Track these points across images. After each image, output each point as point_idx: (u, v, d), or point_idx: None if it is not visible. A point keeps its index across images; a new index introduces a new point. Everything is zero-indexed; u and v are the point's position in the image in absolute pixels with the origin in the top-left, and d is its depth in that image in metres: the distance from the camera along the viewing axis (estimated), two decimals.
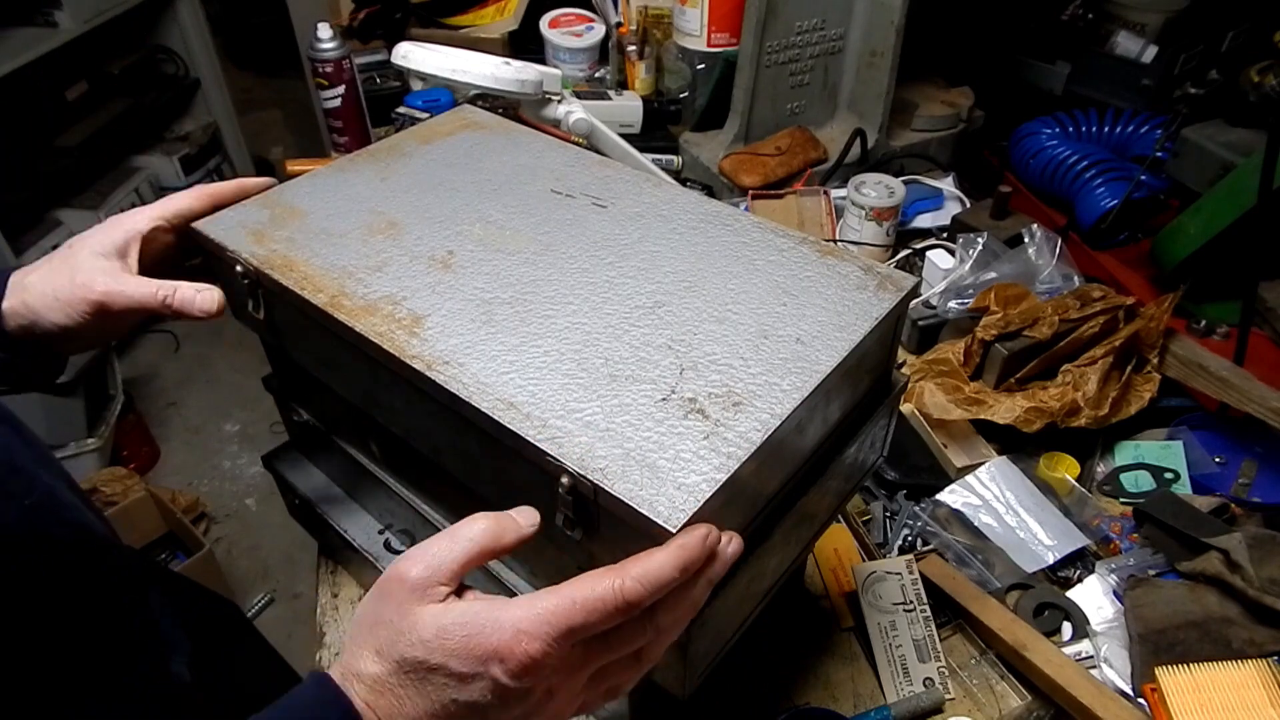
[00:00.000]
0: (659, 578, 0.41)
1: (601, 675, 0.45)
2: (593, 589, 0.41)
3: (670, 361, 0.54)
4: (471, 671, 0.40)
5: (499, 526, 0.44)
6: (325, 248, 0.64)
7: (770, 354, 0.55)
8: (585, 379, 0.53)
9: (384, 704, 0.41)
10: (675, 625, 0.45)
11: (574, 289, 0.60)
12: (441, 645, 0.40)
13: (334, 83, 1.45)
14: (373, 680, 0.41)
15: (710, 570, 0.44)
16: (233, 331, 2.78)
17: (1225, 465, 1.01)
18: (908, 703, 0.78)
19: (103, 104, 2.72)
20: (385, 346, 0.55)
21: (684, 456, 0.48)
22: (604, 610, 0.40)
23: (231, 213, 0.68)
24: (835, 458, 0.64)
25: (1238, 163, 1.10)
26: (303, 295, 0.59)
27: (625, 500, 0.45)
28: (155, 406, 2.62)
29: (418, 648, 0.40)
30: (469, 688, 0.40)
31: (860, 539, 0.92)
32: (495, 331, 0.56)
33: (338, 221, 0.67)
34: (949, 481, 0.97)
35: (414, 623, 0.41)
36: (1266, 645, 0.77)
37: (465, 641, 0.40)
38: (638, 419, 0.50)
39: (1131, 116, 1.39)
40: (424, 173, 0.74)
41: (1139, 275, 1.23)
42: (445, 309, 0.58)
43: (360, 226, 0.66)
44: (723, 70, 1.45)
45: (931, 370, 1.03)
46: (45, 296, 0.59)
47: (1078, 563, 0.90)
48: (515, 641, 0.39)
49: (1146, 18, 1.44)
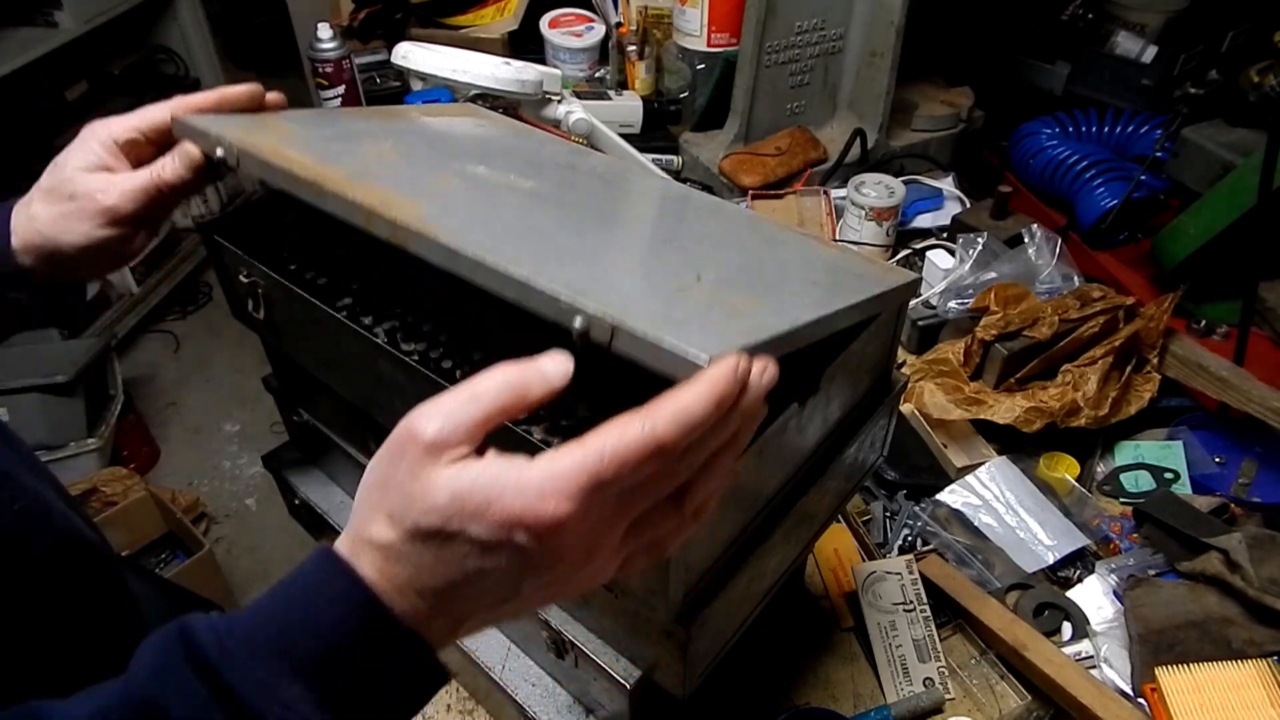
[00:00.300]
0: (691, 414, 0.36)
1: (640, 527, 0.40)
2: (621, 437, 0.36)
3: (687, 269, 0.50)
4: (494, 539, 0.36)
5: (523, 379, 0.39)
6: (316, 148, 0.58)
7: (785, 287, 0.53)
8: (597, 269, 0.48)
9: (400, 573, 0.37)
10: (718, 470, 0.40)
11: (582, 220, 0.57)
12: (459, 511, 0.36)
13: (334, 83, 1.45)
14: (385, 547, 0.37)
15: (745, 401, 0.39)
16: (233, 331, 2.78)
17: (1225, 465, 1.01)
18: (908, 703, 0.78)
19: (103, 104, 2.72)
20: (380, 211, 0.48)
21: (710, 320, 0.44)
22: (636, 459, 0.36)
23: (216, 116, 0.62)
24: (835, 458, 0.64)
25: (1238, 163, 1.10)
26: (288, 169, 0.52)
27: (647, 338, 0.38)
28: (155, 406, 2.62)
29: (433, 515, 0.36)
30: (493, 556, 0.37)
31: (860, 539, 0.92)
32: (503, 231, 0.51)
33: (332, 142, 0.62)
34: (949, 481, 0.97)
35: (427, 487, 0.37)
36: (1266, 645, 0.77)
37: (485, 507, 0.36)
38: (656, 298, 0.46)
39: (1131, 116, 1.39)
40: (427, 129, 0.71)
41: (1139, 275, 1.23)
42: (444, 200, 0.53)
43: (355, 145, 0.62)
44: (723, 70, 1.45)
45: (931, 370, 1.03)
46: (56, 222, 0.58)
47: (1078, 563, 0.90)
48: (540, 504, 0.35)
49: (1146, 18, 1.44)
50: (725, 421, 0.38)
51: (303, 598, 0.38)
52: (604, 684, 0.64)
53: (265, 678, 0.35)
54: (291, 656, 0.36)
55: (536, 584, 0.38)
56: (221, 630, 0.36)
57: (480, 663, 0.74)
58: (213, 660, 0.35)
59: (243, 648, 0.36)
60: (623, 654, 0.62)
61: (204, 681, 0.35)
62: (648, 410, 0.36)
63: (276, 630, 0.37)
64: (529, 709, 0.71)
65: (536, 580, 0.38)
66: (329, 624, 0.37)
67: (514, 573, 0.37)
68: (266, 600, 0.38)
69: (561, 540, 0.36)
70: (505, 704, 0.74)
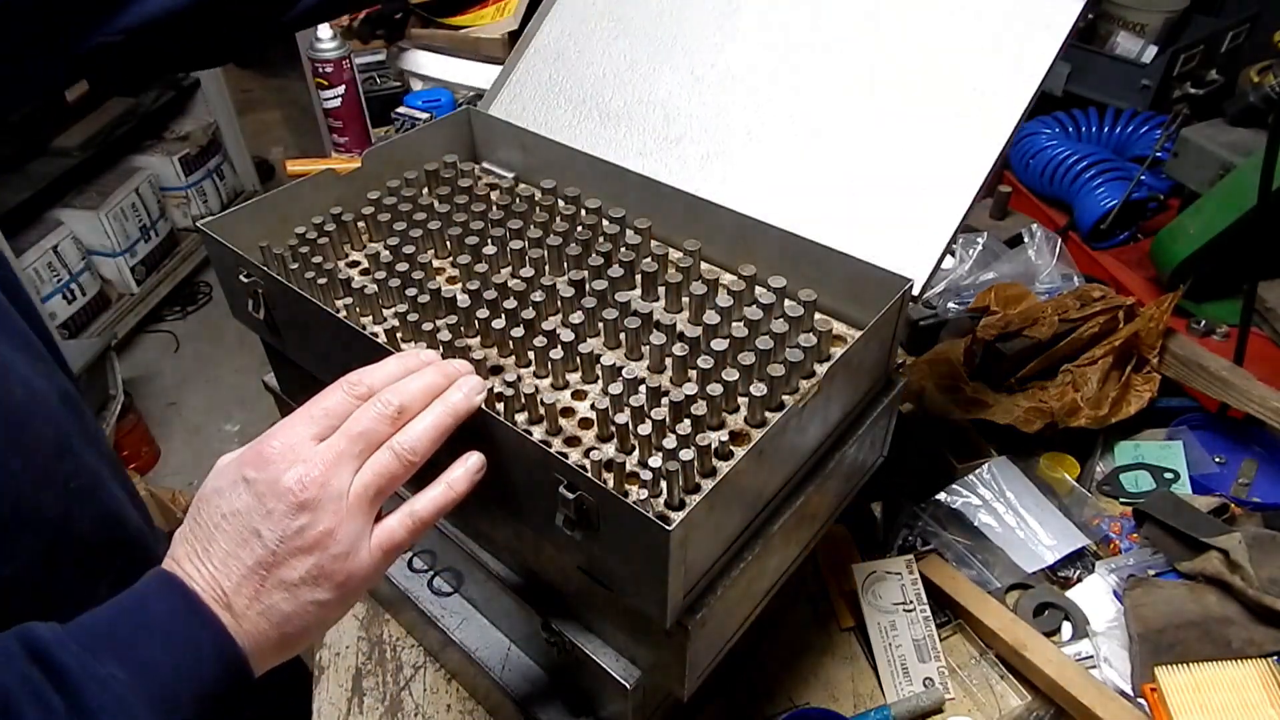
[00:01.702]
0: (379, 371, 0.51)
1: (365, 474, 0.48)
2: (322, 392, 0.50)
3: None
4: (231, 483, 0.46)
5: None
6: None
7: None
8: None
9: (182, 551, 0.46)
10: (426, 421, 0.50)
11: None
12: (214, 475, 0.48)
13: (334, 83, 1.45)
14: (180, 539, 0.47)
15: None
16: (233, 331, 2.78)
17: (1225, 465, 1.01)
18: (908, 703, 0.78)
19: (103, 104, 2.72)
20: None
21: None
22: (330, 394, 0.49)
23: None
24: (835, 457, 0.64)
25: (1238, 163, 1.10)
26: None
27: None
28: (155, 406, 2.62)
29: (204, 488, 0.48)
30: (232, 498, 0.46)
31: (860, 539, 0.92)
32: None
33: None
34: (949, 481, 0.97)
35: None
36: (1266, 645, 0.77)
37: (223, 467, 0.48)
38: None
39: (1131, 117, 1.39)
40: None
41: (1139, 275, 1.24)
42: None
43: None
44: None
45: (931, 370, 1.03)
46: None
47: (1078, 563, 0.90)
48: (257, 444, 0.47)
49: (1146, 18, 1.44)
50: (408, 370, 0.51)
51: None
52: (604, 684, 0.64)
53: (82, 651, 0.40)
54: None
55: (281, 533, 0.45)
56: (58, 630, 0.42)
57: (480, 662, 0.74)
58: (44, 636, 0.40)
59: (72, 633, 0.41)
60: (623, 654, 0.62)
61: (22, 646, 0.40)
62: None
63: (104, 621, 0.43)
64: (529, 709, 0.71)
65: (275, 527, 0.45)
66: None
67: (251, 513, 0.45)
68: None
69: (275, 467, 0.46)
70: (505, 704, 0.74)
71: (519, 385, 0.59)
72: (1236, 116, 1.17)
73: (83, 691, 0.39)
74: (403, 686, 0.82)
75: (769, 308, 0.64)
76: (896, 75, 0.71)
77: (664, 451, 0.53)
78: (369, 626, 0.87)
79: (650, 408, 0.57)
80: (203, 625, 0.43)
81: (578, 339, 0.63)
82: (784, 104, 0.75)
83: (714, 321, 0.63)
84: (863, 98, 0.72)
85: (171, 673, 0.42)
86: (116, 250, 2.69)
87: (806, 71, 0.75)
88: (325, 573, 0.46)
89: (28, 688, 0.38)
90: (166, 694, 0.41)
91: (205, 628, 0.43)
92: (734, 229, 0.71)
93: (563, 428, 0.60)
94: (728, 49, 0.79)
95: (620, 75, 0.84)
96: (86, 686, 0.39)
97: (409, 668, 0.83)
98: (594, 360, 0.62)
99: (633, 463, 0.56)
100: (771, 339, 0.59)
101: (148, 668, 0.41)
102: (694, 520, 0.48)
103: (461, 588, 0.78)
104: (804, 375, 0.62)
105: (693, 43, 0.81)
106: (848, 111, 0.72)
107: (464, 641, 0.76)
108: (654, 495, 0.54)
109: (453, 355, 0.62)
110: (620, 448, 0.58)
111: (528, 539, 0.64)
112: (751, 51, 0.77)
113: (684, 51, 0.81)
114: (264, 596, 0.45)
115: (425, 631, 0.81)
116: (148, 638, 0.42)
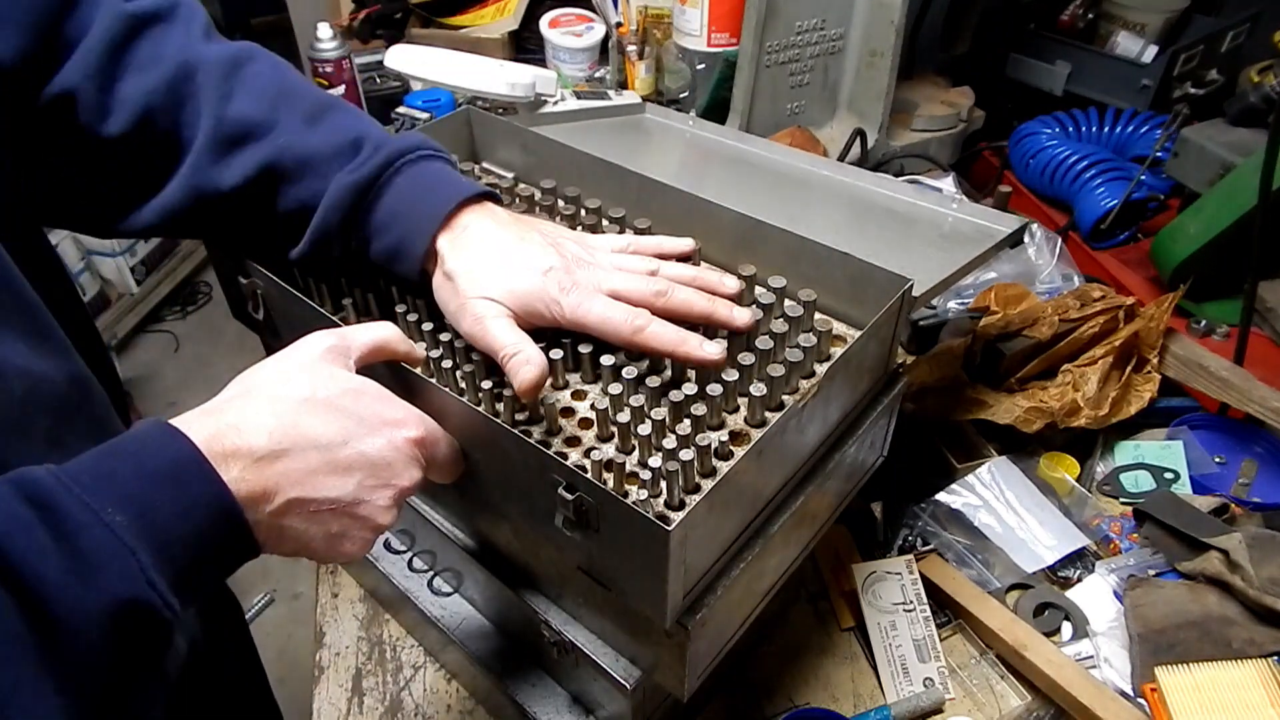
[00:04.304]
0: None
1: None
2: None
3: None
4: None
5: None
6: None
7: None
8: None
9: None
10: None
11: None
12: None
13: (334, 83, 1.45)
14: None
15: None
16: (233, 331, 2.78)
17: (1225, 465, 1.01)
18: (908, 703, 0.78)
19: None
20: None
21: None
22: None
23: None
24: (835, 458, 0.64)
25: (1238, 163, 1.10)
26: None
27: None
28: (155, 406, 2.62)
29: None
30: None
31: (860, 539, 0.92)
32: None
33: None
34: (949, 481, 0.97)
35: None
36: (1266, 645, 0.77)
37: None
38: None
39: (1131, 117, 1.39)
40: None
41: (1139, 275, 1.23)
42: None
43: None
44: (723, 70, 1.45)
45: (931, 370, 1.03)
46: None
47: (1078, 563, 0.90)
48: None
49: (1146, 18, 1.44)
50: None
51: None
52: (604, 684, 0.64)
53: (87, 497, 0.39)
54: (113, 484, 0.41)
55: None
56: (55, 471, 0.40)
57: (480, 662, 0.74)
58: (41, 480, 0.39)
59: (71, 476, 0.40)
60: (623, 654, 0.63)
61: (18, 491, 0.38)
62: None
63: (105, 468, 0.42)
64: (529, 709, 0.71)
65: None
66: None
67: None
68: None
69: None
70: (505, 704, 0.74)
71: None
72: (1237, 116, 1.16)
73: (80, 534, 0.38)
74: (403, 686, 0.82)
75: (769, 307, 0.64)
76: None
77: (664, 451, 0.53)
78: (369, 626, 0.87)
79: (650, 408, 0.57)
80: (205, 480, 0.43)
81: (578, 339, 0.63)
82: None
83: None
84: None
85: (171, 519, 0.41)
86: (116, 250, 2.69)
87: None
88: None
89: (17, 525, 0.37)
90: (166, 539, 0.40)
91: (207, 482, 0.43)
92: (734, 229, 0.71)
93: (562, 428, 0.60)
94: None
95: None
96: (86, 530, 0.38)
97: (409, 668, 0.83)
98: (594, 360, 0.62)
99: (632, 463, 0.56)
100: (771, 339, 0.59)
101: (147, 512, 0.40)
102: (694, 520, 0.48)
103: (461, 588, 0.78)
104: (804, 375, 0.62)
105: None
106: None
107: (464, 641, 0.76)
108: (654, 495, 0.54)
109: (453, 356, 0.62)
110: (620, 448, 0.58)
111: (527, 539, 0.64)
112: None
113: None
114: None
115: (425, 631, 0.82)
116: (151, 484, 0.41)
